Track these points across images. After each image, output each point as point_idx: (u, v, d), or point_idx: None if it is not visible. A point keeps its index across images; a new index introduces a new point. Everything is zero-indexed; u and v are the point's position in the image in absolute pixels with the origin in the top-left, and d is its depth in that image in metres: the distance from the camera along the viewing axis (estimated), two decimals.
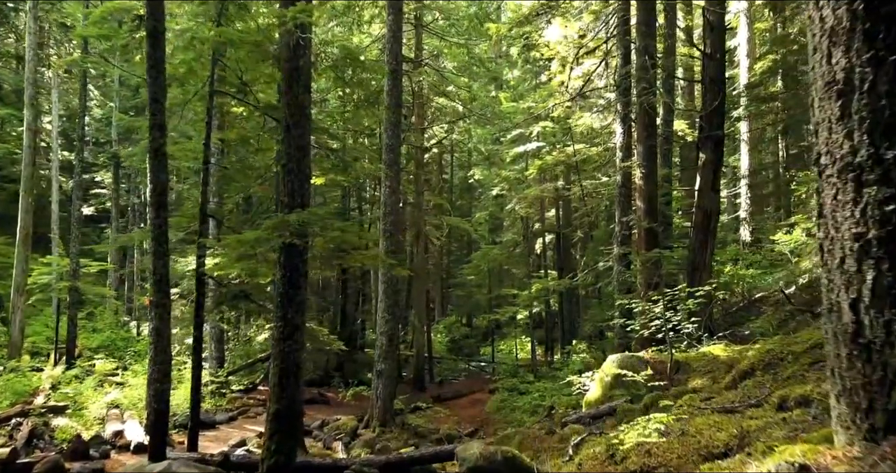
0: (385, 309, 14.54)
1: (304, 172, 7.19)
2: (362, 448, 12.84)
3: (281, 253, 7.03)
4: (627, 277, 13.00)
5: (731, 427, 3.47)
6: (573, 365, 17.76)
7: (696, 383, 7.60)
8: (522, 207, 25.45)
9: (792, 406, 3.49)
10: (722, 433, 3.43)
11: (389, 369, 14.58)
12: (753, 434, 3.19)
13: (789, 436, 2.86)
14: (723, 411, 4.26)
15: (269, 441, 6.75)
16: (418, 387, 21.48)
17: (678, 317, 8.89)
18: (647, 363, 8.68)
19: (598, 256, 19.05)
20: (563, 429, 7.75)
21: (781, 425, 3.24)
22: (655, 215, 12.87)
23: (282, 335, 6.98)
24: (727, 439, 3.27)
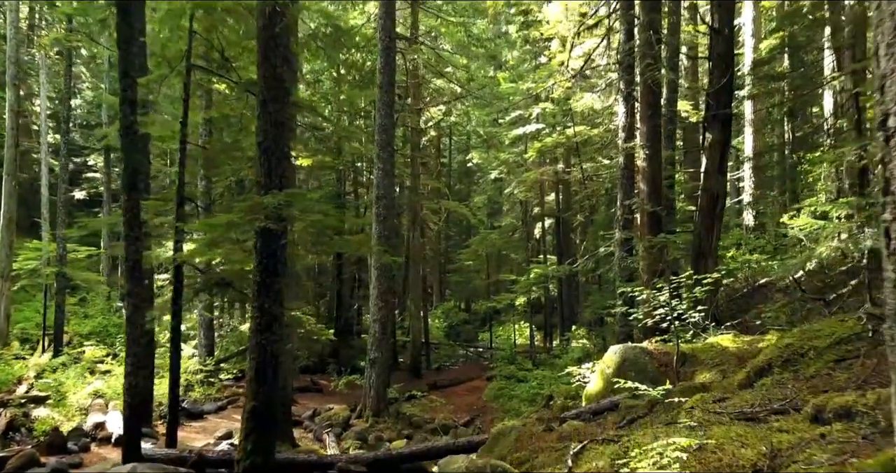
0: (378, 295, 14.04)
1: (282, 150, 6.63)
2: (354, 440, 12.42)
3: (257, 239, 6.50)
4: (629, 263, 12.48)
5: (757, 441, 2.97)
6: (572, 353, 17.32)
7: (704, 377, 7.11)
8: (521, 191, 24.89)
9: (830, 419, 2.99)
10: (747, 449, 2.93)
11: (383, 357, 14.13)
12: (786, 454, 2.70)
13: (835, 460, 2.37)
14: (743, 418, 3.76)
15: (244, 440, 6.27)
16: (414, 374, 21.07)
17: (683, 306, 8.38)
18: (650, 354, 8.20)
19: (599, 241, 18.53)
20: (563, 426, 7.28)
21: (820, 443, 2.75)
22: (659, 198, 12.32)
23: (259, 326, 6.47)
24: (755, 458, 2.77)
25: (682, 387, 6.56)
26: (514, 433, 7.16)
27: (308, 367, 23.17)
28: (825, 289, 10.88)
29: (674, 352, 8.15)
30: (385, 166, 14.12)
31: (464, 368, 24.19)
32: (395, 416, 14.77)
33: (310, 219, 6.20)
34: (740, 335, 8.51)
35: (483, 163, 30.22)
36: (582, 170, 19.96)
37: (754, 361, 5.53)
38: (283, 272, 6.67)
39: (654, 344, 8.47)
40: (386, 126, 14.20)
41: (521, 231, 27.62)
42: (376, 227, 14.16)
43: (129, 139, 7.90)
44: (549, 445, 6.37)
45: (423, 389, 18.76)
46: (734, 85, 13.63)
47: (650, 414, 6.43)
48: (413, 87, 21.31)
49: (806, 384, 4.44)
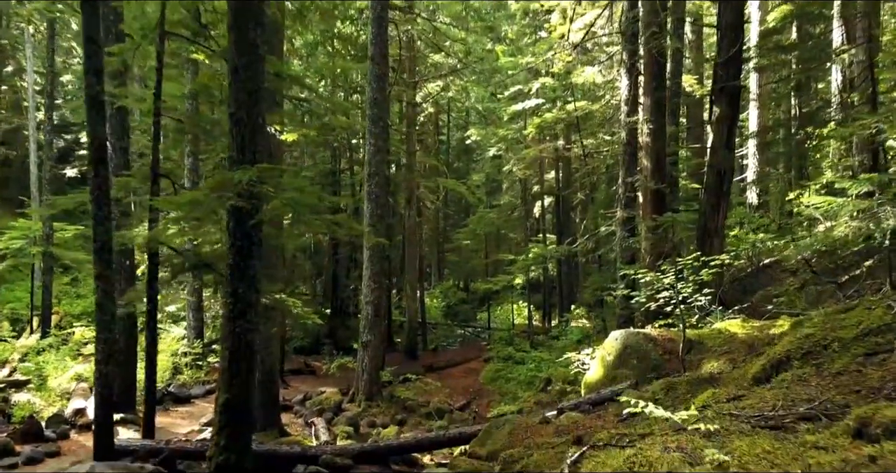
0: (371, 276, 13.55)
1: (255, 122, 6.08)
2: (345, 426, 12.02)
3: (229, 219, 5.98)
4: (631, 243, 11.97)
5: (790, 461, 2.48)
6: (571, 335, 16.90)
7: (711, 366, 6.64)
8: (520, 169, 24.28)
9: (878, 435, 2.50)
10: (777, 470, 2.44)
11: (376, 340, 13.68)
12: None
13: None
14: (767, 426, 3.27)
15: (217, 435, 5.81)
16: (410, 356, 20.70)
17: (689, 289, 7.89)
18: (654, 341, 7.73)
19: (600, 220, 18.02)
20: (560, 417, 6.84)
21: (871, 468, 2.26)
22: (663, 175, 11.78)
23: (232, 313, 5.97)
24: None
25: (689, 378, 6.09)
26: (508, 425, 6.71)
27: (303, 348, 22.82)
28: (837, 271, 10.39)
29: (678, 339, 7.68)
30: (377, 142, 13.54)
31: (461, 349, 23.82)
32: (389, 400, 14.39)
33: (284, 197, 5.66)
34: (749, 320, 8.03)
35: (482, 139, 29.56)
36: (582, 147, 19.36)
37: (771, 352, 5.04)
38: (258, 254, 6.16)
39: (658, 330, 8.00)
40: (378, 100, 13.59)
41: (520, 209, 27.05)
42: (369, 206, 13.64)
43: (95, 110, 7.33)
44: (545, 440, 5.91)
45: (419, 371, 18.38)
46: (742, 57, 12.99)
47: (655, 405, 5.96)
48: (408, 61, 20.61)
49: (832, 382, 3.95)
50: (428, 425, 13.17)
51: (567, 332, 17.29)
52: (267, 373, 10.60)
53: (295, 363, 18.57)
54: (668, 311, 8.19)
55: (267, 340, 10.58)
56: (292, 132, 9.61)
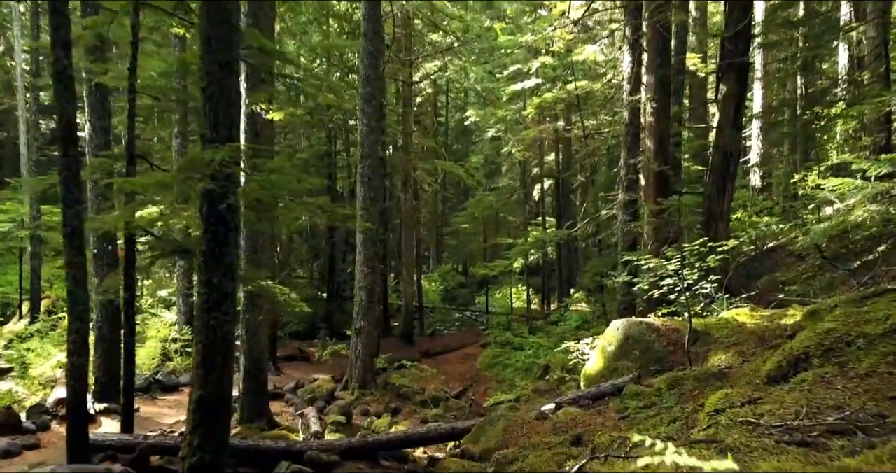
0: (364, 261, 13.14)
1: (230, 97, 5.61)
2: (337, 415, 11.68)
3: (202, 202, 5.54)
4: (633, 227, 11.54)
5: None
6: (570, 321, 16.54)
7: (719, 358, 6.24)
8: (520, 150, 23.76)
9: None
10: None
11: (369, 326, 13.31)
12: None
13: None
14: (791, 440, 2.86)
15: (191, 434, 5.42)
16: (407, 341, 20.35)
17: (695, 276, 7.49)
18: (657, 331, 7.33)
19: (600, 203, 17.58)
20: (558, 412, 6.46)
21: None
22: (667, 156, 11.31)
23: (206, 304, 5.55)
24: None
25: (696, 373, 5.70)
26: (503, 421, 6.33)
27: (298, 333, 22.49)
28: (848, 256, 9.98)
29: (683, 329, 7.28)
30: (370, 122, 13.04)
31: (459, 334, 23.48)
32: (384, 387, 14.05)
33: (258, 179, 5.21)
34: (757, 308, 7.63)
35: (481, 120, 28.99)
36: (583, 128, 18.84)
37: (787, 348, 4.63)
38: (235, 241, 5.72)
39: (661, 320, 7.59)
40: (371, 78, 13.07)
41: (520, 192, 26.56)
42: (362, 189, 13.19)
43: (63, 86, 6.86)
44: (541, 440, 5.54)
45: (415, 357, 18.04)
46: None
47: (658, 404, 5.58)
48: (404, 39, 20.00)
49: (860, 384, 3.54)
50: (423, 413, 12.84)
51: (566, 318, 16.92)
52: (254, 362, 10.23)
53: (289, 349, 18.23)
54: (672, 299, 7.80)
55: (255, 328, 10.20)
56: (279, 111, 9.13)
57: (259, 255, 10.14)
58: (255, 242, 10.04)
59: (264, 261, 10.34)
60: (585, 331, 15.36)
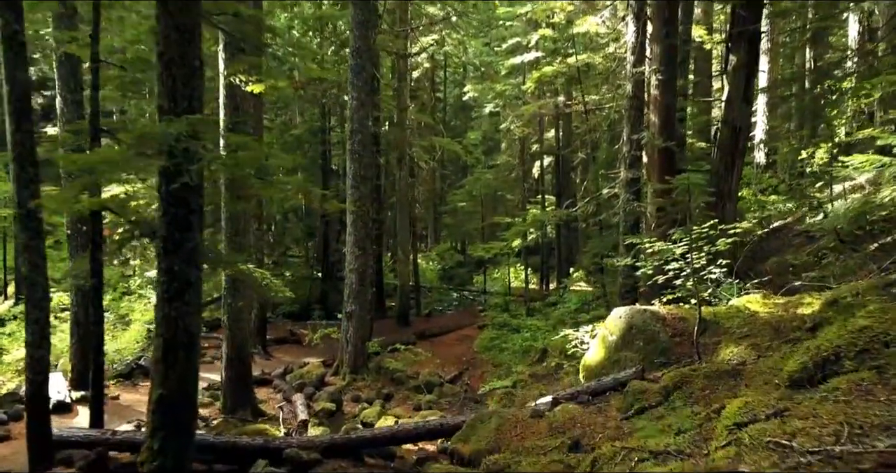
0: (354, 242, 12.60)
1: (190, 65, 5.02)
2: (326, 402, 11.24)
3: (160, 182, 4.98)
4: (636, 207, 10.98)
5: None
6: (569, 303, 16.06)
7: (730, 351, 5.73)
8: (519, 126, 23.06)
9: None
10: None
11: (361, 310, 12.81)
12: None
13: None
14: None
15: (151, 438, 4.94)
16: (403, 322, 19.89)
17: (702, 260, 6.96)
18: (662, 320, 6.81)
19: (601, 181, 16.99)
20: (555, 410, 5.97)
21: None
22: (673, 131, 10.70)
23: (167, 293, 5.02)
24: None
25: (707, 370, 5.18)
26: (495, 419, 5.84)
27: (292, 314, 22.04)
28: (864, 238, 9.42)
29: (690, 318, 6.77)
30: (360, 95, 12.39)
31: (455, 315, 23.04)
32: (377, 371, 13.61)
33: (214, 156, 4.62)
34: (770, 295, 7.10)
35: (479, 95, 28.22)
36: (584, 103, 18.15)
37: (812, 346, 4.10)
38: (197, 224, 5.17)
39: (667, 307, 7.07)
40: (361, 49, 12.39)
41: (518, 170, 25.92)
42: (352, 166, 12.59)
43: (14, 53, 6.25)
44: (536, 443, 5.05)
45: (411, 339, 17.60)
46: None
47: (665, 404, 5.08)
48: (399, 9, 19.22)
49: None
50: (416, 399, 12.41)
51: (565, 299, 16.43)
52: (238, 349, 9.75)
53: (280, 331, 17.77)
54: (678, 285, 7.28)
55: (237, 313, 9.70)
56: (259, 83, 8.50)
57: (241, 237, 9.59)
58: (236, 224, 9.49)
59: (247, 243, 9.79)
60: (585, 314, 14.90)
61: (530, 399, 11.13)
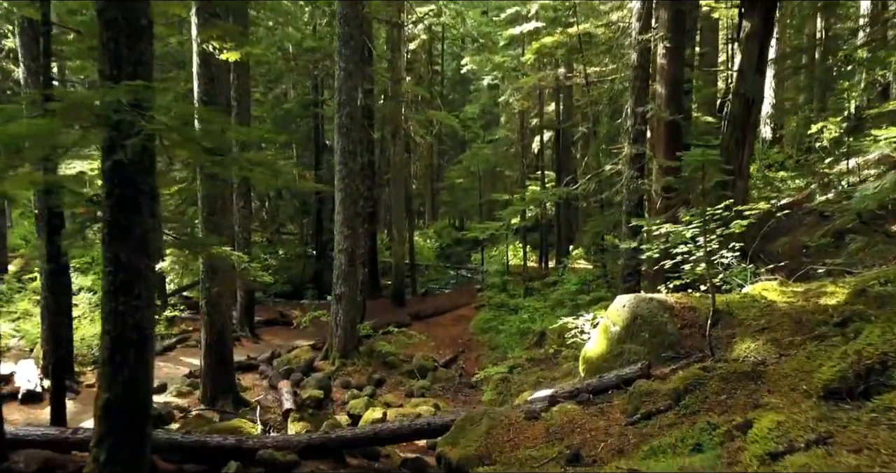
0: (343, 221, 12.00)
1: (136, 25, 4.36)
2: (314, 389, 10.74)
3: (104, 158, 4.37)
4: (639, 184, 10.35)
5: None
6: (569, 283, 15.51)
7: (747, 348, 5.17)
8: (518, 99, 22.25)
9: None
10: None
11: (351, 292, 12.26)
12: None
13: None
14: None
15: (97, 447, 4.39)
16: (398, 302, 19.39)
17: (714, 244, 6.38)
18: (670, 309, 6.23)
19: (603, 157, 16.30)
20: (552, 409, 5.43)
21: None
22: (681, 104, 10.04)
23: (113, 286, 4.44)
24: None
25: (723, 371, 4.61)
26: (487, 421, 5.29)
27: (284, 293, 21.53)
28: (885, 218, 8.83)
29: (701, 307, 6.20)
30: (348, 65, 11.68)
31: (453, 294, 22.53)
32: (368, 355, 13.10)
33: (154, 128, 3.98)
34: (787, 282, 6.51)
35: (477, 68, 27.33)
36: (585, 74, 17.37)
37: (851, 350, 3.53)
38: (149, 208, 4.56)
39: (675, 296, 6.49)
40: (349, 16, 11.64)
41: (517, 145, 25.16)
42: (340, 141, 11.93)
43: None
44: (530, 453, 4.51)
45: (405, 320, 17.11)
46: None
47: (675, 409, 4.53)
48: None
49: None
50: (408, 385, 11.93)
51: (564, 280, 15.88)
52: (217, 335, 9.20)
53: (270, 312, 17.25)
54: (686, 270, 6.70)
55: (215, 298, 9.13)
56: (234, 50, 7.82)
57: (217, 217, 8.98)
58: (212, 203, 8.87)
59: (226, 224, 9.19)
60: (585, 295, 14.35)
61: (527, 386, 10.64)
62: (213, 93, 8.87)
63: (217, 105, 8.87)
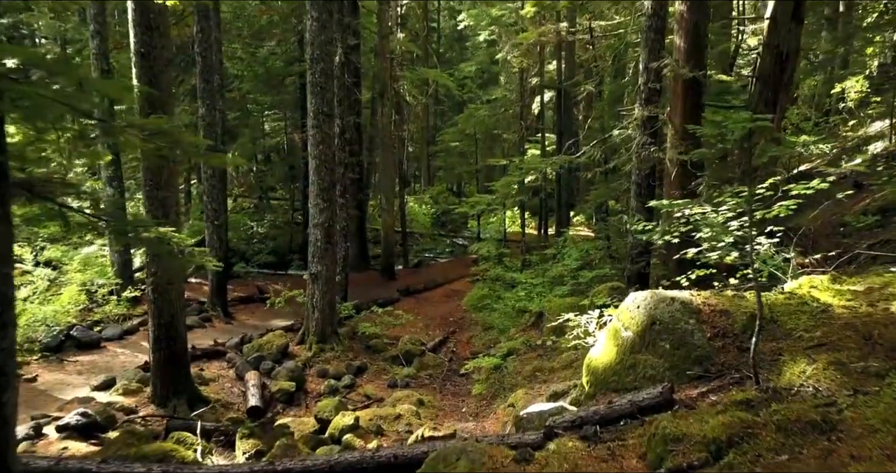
0: (319, 193, 10.74)
1: None
2: (285, 380, 9.67)
3: None
4: (652, 152, 9.04)
5: None
6: (569, 258, 14.29)
7: (801, 372, 3.98)
8: (516, 56, 20.69)
9: None
10: None
11: (328, 271, 11.08)
12: None
13: None
14: None
15: None
16: (388, 275, 18.25)
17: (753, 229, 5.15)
18: (696, 313, 5.02)
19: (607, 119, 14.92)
20: (549, 446, 4.28)
21: None
22: (702, 58, 8.65)
23: None
24: None
25: (781, 419, 3.41)
26: (465, 463, 4.14)
27: (268, 264, 20.37)
28: None
29: (735, 310, 5.00)
30: (321, 15, 10.22)
31: (446, 264, 21.38)
32: (350, 338, 12.01)
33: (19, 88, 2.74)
34: (841, 278, 5.29)
35: (474, 23, 25.61)
36: (590, 28, 15.85)
37: None
38: None
39: (702, 295, 5.26)
40: None
41: (516, 105, 23.65)
42: (313, 101, 10.57)
43: None
44: None
45: (394, 296, 15.99)
46: None
47: (713, 466, 3.35)
48: None
49: None
50: (392, 373, 10.86)
51: (564, 255, 14.67)
52: (166, 327, 8.03)
53: (248, 288, 16.08)
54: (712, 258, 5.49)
55: (164, 285, 7.93)
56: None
57: (163, 192, 7.71)
58: (155, 176, 7.59)
59: (172, 200, 7.93)
60: (587, 271, 13.17)
61: (522, 378, 9.54)
62: (154, 44, 7.50)
63: (159, 60, 7.53)
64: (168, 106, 7.67)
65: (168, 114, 7.63)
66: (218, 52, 14.81)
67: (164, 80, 7.67)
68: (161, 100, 7.58)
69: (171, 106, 7.70)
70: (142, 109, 7.47)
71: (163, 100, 7.61)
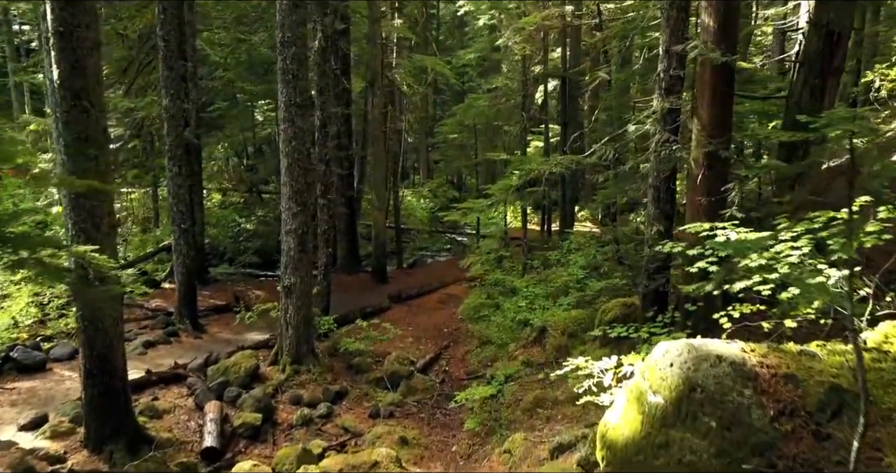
0: (291, 195, 9.46)
1: None
2: (251, 412, 8.45)
3: None
4: (674, 151, 7.73)
5: None
6: (575, 264, 12.98)
7: None
8: (518, 43, 19.29)
9: None
10: None
11: (303, 283, 9.83)
12: None
13: None
14: None
15: None
16: (379, 278, 17.00)
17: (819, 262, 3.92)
18: (751, 379, 3.73)
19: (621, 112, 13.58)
20: None
21: None
22: (734, 41, 7.31)
23: None
24: None
25: None
26: None
27: (253, 264, 19.12)
28: None
29: (807, 377, 3.71)
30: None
31: (443, 265, 20.12)
32: (331, 355, 10.79)
33: None
34: None
35: (473, 8, 24.16)
36: (598, 10, 14.48)
37: None
38: None
39: (758, 350, 3.95)
40: None
41: (518, 95, 22.25)
42: (285, 90, 9.26)
43: None
44: None
45: (384, 303, 14.75)
46: None
47: None
48: None
49: None
50: (375, 399, 9.62)
51: (570, 261, 13.37)
52: (98, 359, 6.80)
53: (227, 294, 14.78)
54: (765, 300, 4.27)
55: (94, 312, 6.68)
56: None
57: (91, 201, 6.45)
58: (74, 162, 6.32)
59: (103, 212, 6.66)
60: (594, 281, 11.87)
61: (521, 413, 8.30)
62: (78, 22, 6.22)
63: (84, 41, 6.24)
64: (96, 96, 6.39)
65: (95, 107, 6.35)
66: (192, 37, 13.51)
67: (92, 66, 6.39)
68: (87, 90, 6.31)
69: (99, 96, 6.41)
70: (62, 100, 6.20)
71: (89, 90, 6.34)
